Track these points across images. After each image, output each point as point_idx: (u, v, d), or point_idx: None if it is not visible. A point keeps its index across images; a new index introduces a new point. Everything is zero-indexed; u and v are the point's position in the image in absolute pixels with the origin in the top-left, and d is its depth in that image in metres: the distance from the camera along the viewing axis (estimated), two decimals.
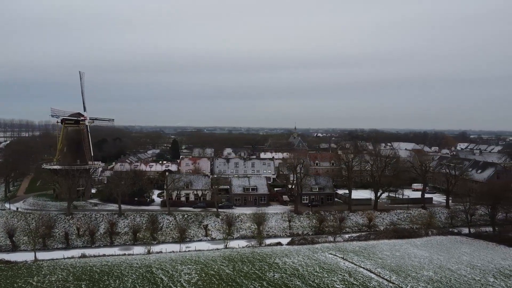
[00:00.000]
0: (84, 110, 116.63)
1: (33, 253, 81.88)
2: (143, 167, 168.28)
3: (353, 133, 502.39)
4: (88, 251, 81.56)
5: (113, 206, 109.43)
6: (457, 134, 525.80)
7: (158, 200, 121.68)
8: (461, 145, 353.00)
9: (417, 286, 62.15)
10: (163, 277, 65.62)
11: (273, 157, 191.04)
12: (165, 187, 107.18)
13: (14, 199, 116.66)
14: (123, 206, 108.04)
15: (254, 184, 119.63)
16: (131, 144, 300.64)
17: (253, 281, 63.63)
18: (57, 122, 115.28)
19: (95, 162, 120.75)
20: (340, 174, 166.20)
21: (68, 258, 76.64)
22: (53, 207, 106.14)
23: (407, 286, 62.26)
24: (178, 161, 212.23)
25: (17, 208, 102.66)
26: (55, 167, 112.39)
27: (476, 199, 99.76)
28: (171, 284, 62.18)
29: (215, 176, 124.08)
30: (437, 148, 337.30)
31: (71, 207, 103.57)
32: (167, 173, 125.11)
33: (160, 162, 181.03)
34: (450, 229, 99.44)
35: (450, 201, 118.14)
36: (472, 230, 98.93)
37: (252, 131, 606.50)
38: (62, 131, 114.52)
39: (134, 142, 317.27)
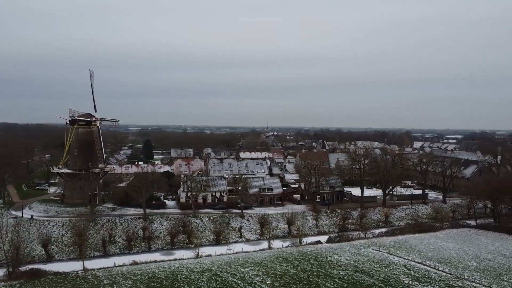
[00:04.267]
0: (95, 110, 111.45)
1: (73, 263, 78.56)
2: (134, 169, 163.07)
3: (303, 133, 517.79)
4: (137, 258, 79.18)
5: (132, 210, 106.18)
6: (402, 133, 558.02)
7: (169, 203, 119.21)
8: (417, 143, 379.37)
9: (472, 275, 68.16)
10: (235, 279, 66.01)
11: (265, 157, 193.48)
12: (189, 189, 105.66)
13: (15, 206, 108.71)
14: (141, 210, 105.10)
15: (269, 184, 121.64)
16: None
17: (324, 279, 66.08)
18: (66, 123, 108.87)
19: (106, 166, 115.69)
20: (331, 173, 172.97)
21: (119, 266, 74.08)
22: (69, 213, 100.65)
23: (463, 275, 68.09)
24: (152, 161, 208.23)
25: (32, 216, 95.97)
26: (68, 170, 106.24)
27: (479, 195, 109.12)
28: (249, 287, 62.81)
29: (237, 177, 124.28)
30: (395, 146, 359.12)
31: (88, 212, 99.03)
32: (182, 175, 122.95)
33: (153, 163, 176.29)
34: (461, 222, 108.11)
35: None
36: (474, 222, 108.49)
37: (198, 130, 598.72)
38: (71, 133, 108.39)
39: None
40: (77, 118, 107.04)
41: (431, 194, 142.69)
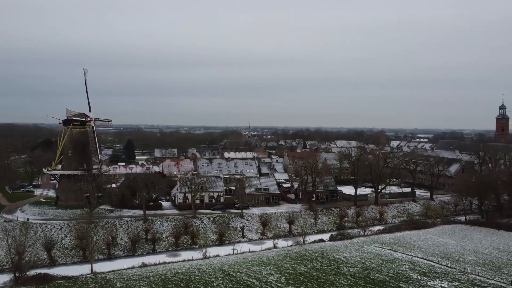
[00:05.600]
0: (90, 110, 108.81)
1: (78, 266, 77.00)
2: (122, 170, 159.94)
3: (279, 132, 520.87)
4: (143, 260, 78.75)
5: (130, 212, 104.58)
6: (377, 132, 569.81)
7: (164, 203, 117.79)
8: (394, 143, 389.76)
9: (474, 269, 71.52)
10: (250, 279, 66.73)
11: (253, 157, 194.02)
12: (189, 189, 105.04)
13: (6, 210, 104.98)
14: (139, 211, 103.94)
15: (265, 184, 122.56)
16: None
17: (336, 277, 67.71)
18: (60, 123, 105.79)
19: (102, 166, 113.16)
20: (303, 171, 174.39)
21: (129, 268, 73.08)
22: (65, 215, 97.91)
23: (466, 269, 71.33)
24: (133, 161, 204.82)
25: (28, 219, 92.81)
26: (64, 172, 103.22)
27: (467, 192, 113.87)
28: (265, 286, 63.56)
29: (227, 177, 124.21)
30: (373, 145, 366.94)
31: (84, 214, 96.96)
32: (179, 176, 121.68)
33: (141, 163, 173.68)
34: (451, 219, 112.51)
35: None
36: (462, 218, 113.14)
37: (173, 129, 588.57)
38: (66, 133, 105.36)
39: None
40: (72, 118, 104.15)
41: (417, 192, 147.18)
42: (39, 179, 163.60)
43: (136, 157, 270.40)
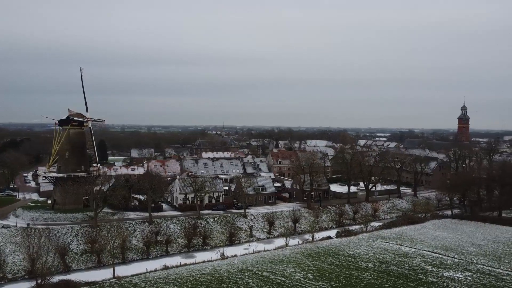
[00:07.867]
0: (87, 110, 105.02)
1: (95, 271, 74.99)
2: (106, 170, 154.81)
3: (245, 131, 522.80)
4: (161, 262, 77.95)
5: (132, 214, 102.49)
6: (339, 131, 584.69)
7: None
8: (361, 142, 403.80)
9: (479, 260, 77.41)
10: (277, 277, 68.42)
11: (239, 156, 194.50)
12: (194, 190, 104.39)
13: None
14: (141, 214, 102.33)
15: (262, 184, 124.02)
16: (41, 145, 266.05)
17: (358, 272, 70.89)
18: (56, 123, 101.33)
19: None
20: (301, 171, 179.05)
21: (152, 271, 72.20)
22: (66, 219, 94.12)
23: (472, 260, 77.04)
24: (106, 162, 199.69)
25: (28, 225, 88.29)
26: (62, 174, 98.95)
27: (453, 189, 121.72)
28: (296, 283, 65.38)
29: (242, 178, 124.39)
30: (341, 144, 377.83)
31: (86, 218, 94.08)
32: (180, 177, 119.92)
33: (125, 165, 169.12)
34: (440, 213, 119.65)
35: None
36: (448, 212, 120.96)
37: (128, 128, 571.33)
38: (63, 134, 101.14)
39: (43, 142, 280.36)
40: (73, 118, 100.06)
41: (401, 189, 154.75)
42: (14, 182, 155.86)
43: (109, 157, 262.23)
